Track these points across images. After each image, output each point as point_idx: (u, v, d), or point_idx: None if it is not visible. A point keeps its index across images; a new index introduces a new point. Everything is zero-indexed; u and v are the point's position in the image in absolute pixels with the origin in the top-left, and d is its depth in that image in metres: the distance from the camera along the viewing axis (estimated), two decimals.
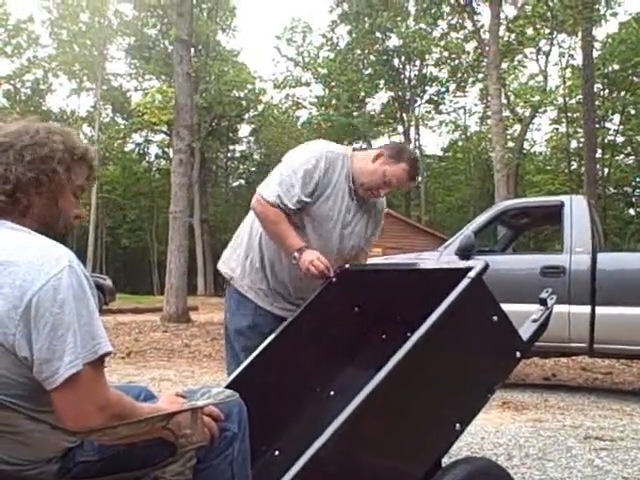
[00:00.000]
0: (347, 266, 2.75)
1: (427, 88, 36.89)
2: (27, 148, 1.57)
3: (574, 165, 33.43)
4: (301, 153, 2.90)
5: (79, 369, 1.38)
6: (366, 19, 32.21)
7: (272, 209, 2.78)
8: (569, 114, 31.94)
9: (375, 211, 3.04)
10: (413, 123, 37.24)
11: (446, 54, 33.48)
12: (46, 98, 42.16)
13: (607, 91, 31.32)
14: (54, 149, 1.59)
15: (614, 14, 26.56)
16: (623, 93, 30.45)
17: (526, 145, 35.64)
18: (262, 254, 2.94)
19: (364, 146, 38.19)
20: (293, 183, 2.78)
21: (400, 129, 38.61)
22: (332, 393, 2.65)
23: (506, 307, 2.20)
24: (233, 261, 3.04)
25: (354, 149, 2.98)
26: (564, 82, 31.34)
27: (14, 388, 1.42)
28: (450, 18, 27.69)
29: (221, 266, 3.13)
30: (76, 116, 40.59)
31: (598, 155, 27.47)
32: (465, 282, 2.06)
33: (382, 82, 36.33)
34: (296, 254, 2.75)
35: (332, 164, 2.84)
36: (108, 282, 17.82)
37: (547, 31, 26.88)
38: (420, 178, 36.66)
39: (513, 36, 25.75)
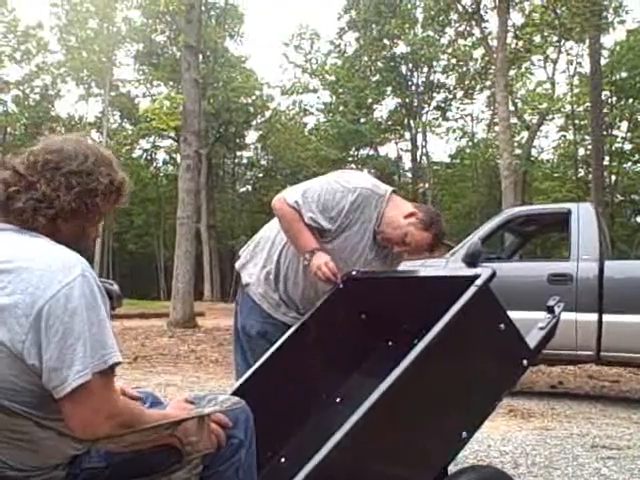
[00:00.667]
0: (354, 273, 2.76)
1: (434, 95, 36.77)
2: (74, 175, 1.56)
3: (582, 172, 33.26)
4: (341, 178, 2.91)
5: (88, 379, 1.38)
6: (374, 26, 32.23)
7: (289, 209, 2.80)
8: (577, 121, 31.81)
9: (392, 256, 3.03)
10: (420, 130, 37.10)
11: (454, 61, 33.35)
12: (55, 104, 42.19)
13: (615, 98, 31.18)
14: (100, 183, 1.60)
15: (622, 22, 26.32)
16: (631, 100, 30.30)
17: (533, 152, 35.45)
18: (279, 269, 2.96)
19: (371, 152, 38.21)
20: (315, 200, 2.79)
21: (407, 136, 38.54)
22: (338, 400, 2.65)
23: (513, 315, 2.20)
24: (252, 267, 3.06)
25: (394, 191, 2.97)
26: (572, 89, 31.23)
27: (22, 395, 1.42)
28: (458, 25, 27.58)
29: (239, 268, 3.14)
30: (84, 122, 40.65)
31: (606, 162, 27.33)
32: (472, 290, 2.06)
33: (389, 89, 36.24)
34: (307, 255, 2.77)
35: (365, 201, 2.84)
36: (115, 287, 17.73)
37: (555, 39, 26.77)
38: (427, 185, 36.59)
39: (521, 43, 25.65)
